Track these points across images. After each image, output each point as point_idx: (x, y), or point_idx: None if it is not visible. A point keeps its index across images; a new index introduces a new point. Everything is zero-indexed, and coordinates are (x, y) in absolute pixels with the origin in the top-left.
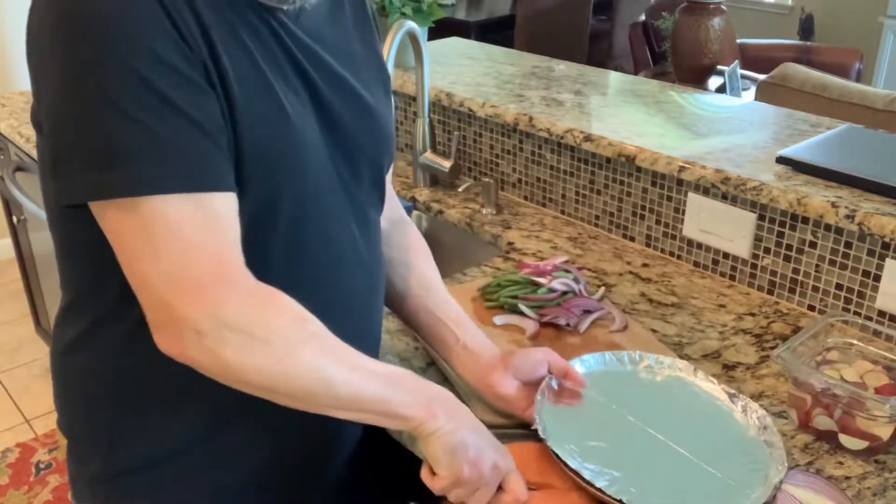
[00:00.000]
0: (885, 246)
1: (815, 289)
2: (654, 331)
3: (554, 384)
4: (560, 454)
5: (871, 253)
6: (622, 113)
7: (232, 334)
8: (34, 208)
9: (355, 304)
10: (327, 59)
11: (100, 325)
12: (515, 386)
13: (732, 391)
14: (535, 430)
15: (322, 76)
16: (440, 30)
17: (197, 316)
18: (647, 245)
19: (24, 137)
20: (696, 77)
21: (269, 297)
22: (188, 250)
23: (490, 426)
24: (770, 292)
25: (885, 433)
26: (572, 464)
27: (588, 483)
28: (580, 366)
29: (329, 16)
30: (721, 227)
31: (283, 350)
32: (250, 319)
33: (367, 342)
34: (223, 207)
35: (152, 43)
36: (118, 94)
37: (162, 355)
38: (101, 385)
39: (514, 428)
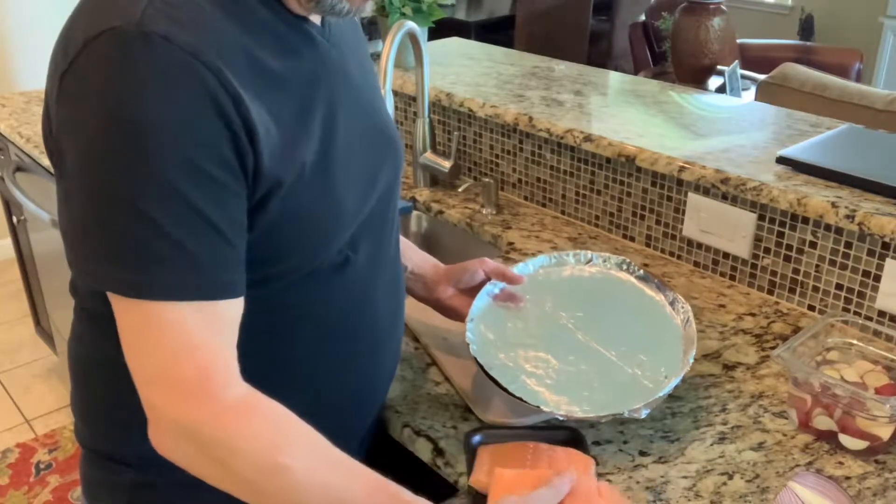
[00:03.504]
0: (885, 246)
1: (815, 289)
2: None
3: (496, 289)
4: (481, 361)
5: (871, 253)
6: (622, 113)
7: (198, 449)
8: (34, 208)
9: (385, 321)
10: (354, 74)
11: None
12: (459, 296)
13: (664, 286)
14: (536, 427)
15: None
16: (440, 30)
17: (172, 422)
18: (647, 245)
19: (24, 138)
20: (696, 77)
21: (245, 418)
22: (177, 356)
23: (491, 426)
24: (770, 292)
25: (885, 433)
26: (492, 372)
27: (503, 388)
28: (523, 268)
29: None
30: (721, 227)
31: (246, 476)
32: (216, 438)
33: (392, 354)
34: (225, 313)
35: (191, 152)
36: (144, 200)
37: None
38: (130, 406)
39: (513, 429)
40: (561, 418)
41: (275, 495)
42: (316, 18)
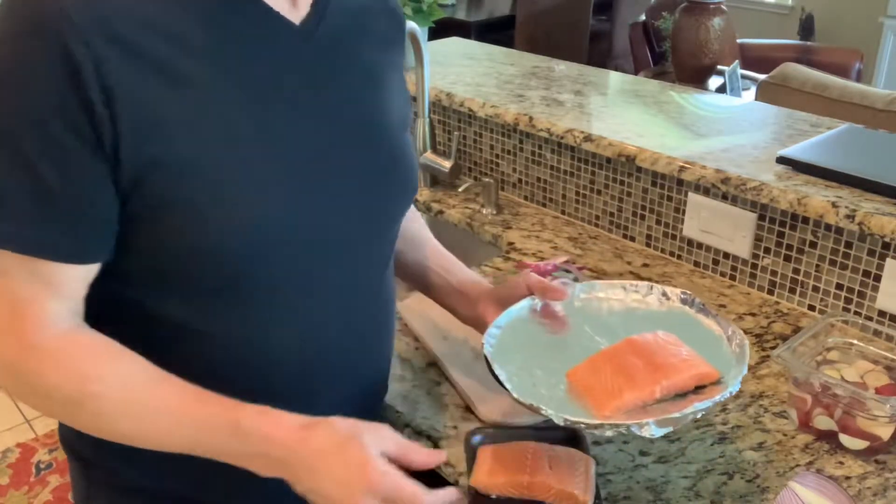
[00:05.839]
0: (886, 246)
1: (816, 289)
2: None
3: (538, 305)
4: (491, 360)
5: (871, 253)
6: (622, 113)
7: (15, 381)
8: None
9: (361, 339)
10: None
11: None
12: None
13: (727, 323)
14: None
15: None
16: (440, 30)
17: None
18: (648, 245)
19: None
20: (696, 77)
21: (51, 356)
22: None
23: (491, 426)
24: (770, 292)
25: (885, 433)
26: (502, 379)
27: (501, 384)
28: (572, 288)
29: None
30: (721, 227)
31: (64, 407)
32: (23, 374)
33: (374, 371)
34: (55, 277)
35: (38, 110)
36: None
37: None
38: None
39: (514, 428)
40: (561, 423)
41: (90, 422)
42: (294, 16)
